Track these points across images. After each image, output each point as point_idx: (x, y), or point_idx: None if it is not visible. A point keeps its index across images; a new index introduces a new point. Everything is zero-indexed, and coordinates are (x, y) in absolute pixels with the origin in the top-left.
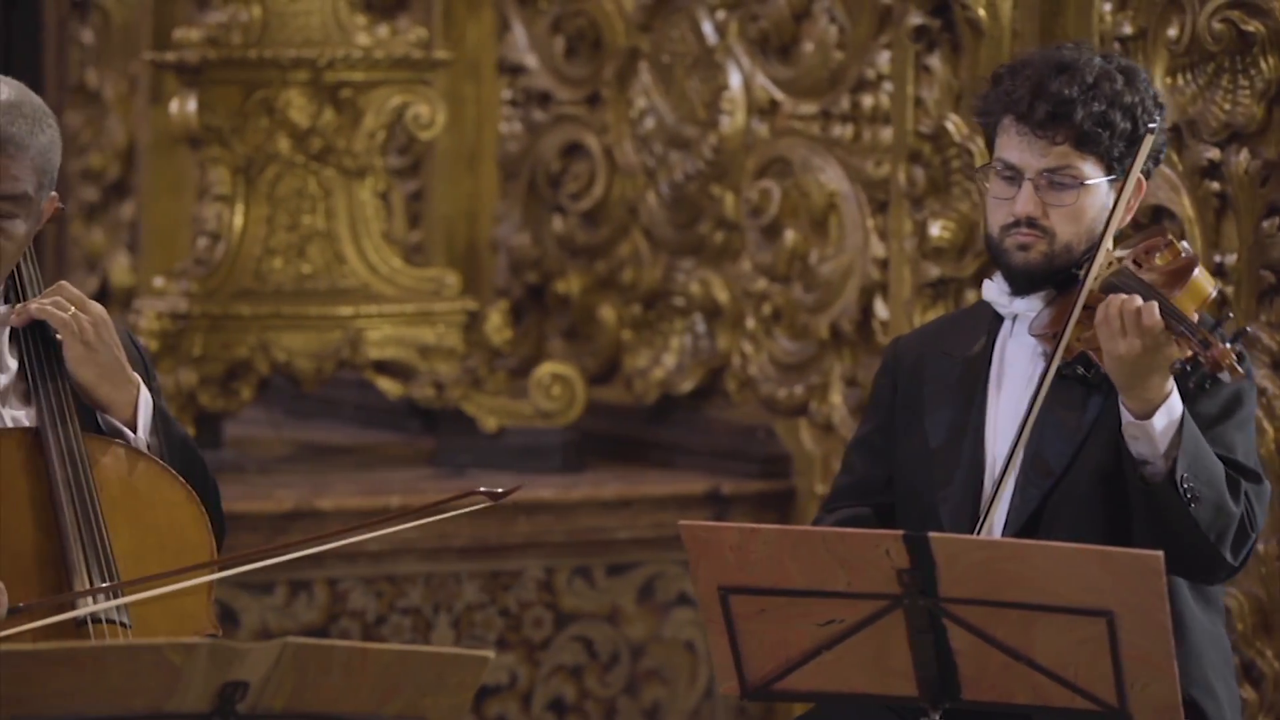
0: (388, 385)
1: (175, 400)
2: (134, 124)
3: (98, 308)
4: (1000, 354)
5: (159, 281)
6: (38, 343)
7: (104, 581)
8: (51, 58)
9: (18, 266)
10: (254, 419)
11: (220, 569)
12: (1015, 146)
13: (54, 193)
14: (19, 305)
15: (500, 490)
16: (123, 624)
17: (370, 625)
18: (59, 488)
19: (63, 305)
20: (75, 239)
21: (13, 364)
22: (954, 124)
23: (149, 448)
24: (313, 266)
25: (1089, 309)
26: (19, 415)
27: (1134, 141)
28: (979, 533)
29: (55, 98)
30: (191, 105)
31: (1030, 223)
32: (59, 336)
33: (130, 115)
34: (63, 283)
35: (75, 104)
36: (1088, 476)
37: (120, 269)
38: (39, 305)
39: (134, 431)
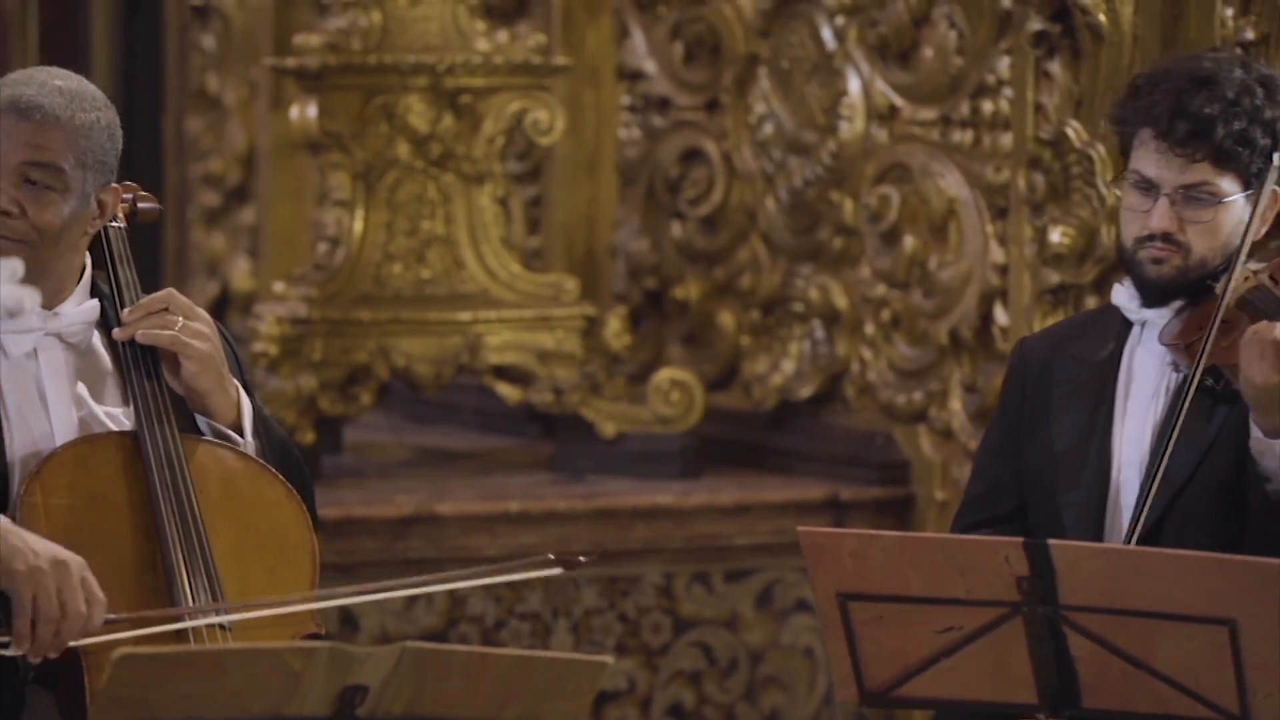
0: (507, 390)
1: (295, 405)
2: (255, 129)
3: (205, 315)
4: (1129, 361)
5: (279, 286)
6: (134, 345)
7: (204, 584)
8: (173, 63)
9: (115, 270)
10: (374, 424)
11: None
12: (1153, 161)
13: (115, 184)
14: (125, 313)
15: (582, 559)
16: (222, 627)
17: (489, 630)
18: (157, 491)
19: (168, 322)
20: (196, 244)
21: (106, 361)
22: (1074, 130)
23: (254, 450)
24: (432, 272)
25: (1223, 323)
26: (115, 413)
27: (1272, 156)
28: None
29: (176, 103)
30: (312, 111)
31: (1166, 237)
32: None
33: (251, 121)
34: (171, 291)
35: (196, 109)
36: (1209, 487)
37: (241, 274)
38: (145, 332)
39: (241, 436)
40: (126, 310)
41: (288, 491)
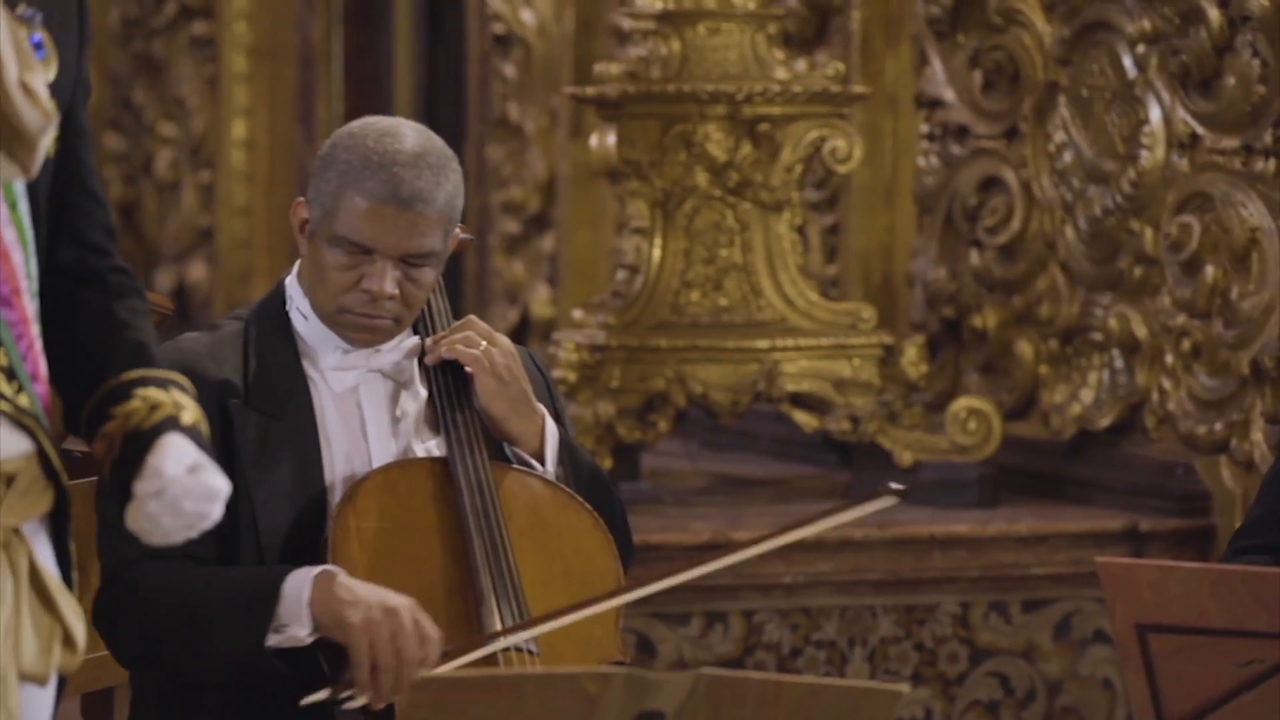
0: (803, 418)
1: (593, 431)
2: (554, 157)
3: (506, 341)
4: None
5: (578, 313)
6: (447, 375)
7: (512, 609)
8: (474, 92)
9: (428, 299)
10: (670, 451)
11: (628, 593)
12: None
13: (458, 227)
14: (430, 341)
15: (894, 486)
16: (530, 651)
17: (785, 658)
18: (468, 516)
19: (473, 341)
20: (496, 271)
21: (423, 393)
22: None
23: (556, 478)
24: (729, 299)
25: None
26: (429, 445)
27: None
28: None
29: (478, 131)
30: (611, 139)
31: None
32: (468, 370)
33: (551, 149)
34: (471, 317)
35: (497, 137)
36: None
37: (540, 301)
38: (450, 345)
39: (542, 464)
40: (430, 339)
41: (594, 521)
